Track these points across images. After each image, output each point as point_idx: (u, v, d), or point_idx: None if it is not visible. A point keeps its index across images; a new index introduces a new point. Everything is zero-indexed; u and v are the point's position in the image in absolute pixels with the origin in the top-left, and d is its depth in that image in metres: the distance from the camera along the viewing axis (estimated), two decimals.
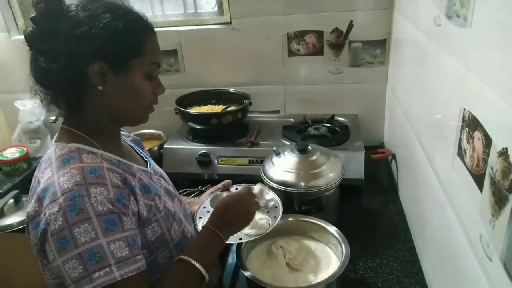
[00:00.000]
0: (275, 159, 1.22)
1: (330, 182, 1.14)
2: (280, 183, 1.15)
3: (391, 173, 1.54)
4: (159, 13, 1.75)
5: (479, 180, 0.67)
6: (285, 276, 0.95)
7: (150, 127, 1.78)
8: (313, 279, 0.94)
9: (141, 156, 0.97)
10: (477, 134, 0.67)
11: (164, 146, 1.56)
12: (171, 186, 0.99)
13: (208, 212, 1.01)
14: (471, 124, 0.70)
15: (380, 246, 1.16)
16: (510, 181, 0.56)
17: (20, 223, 1.32)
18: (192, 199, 1.24)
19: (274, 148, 1.24)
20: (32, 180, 0.80)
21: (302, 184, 1.13)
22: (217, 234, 0.83)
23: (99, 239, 0.68)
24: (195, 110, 1.62)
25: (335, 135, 1.51)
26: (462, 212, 0.77)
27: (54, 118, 1.63)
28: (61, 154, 0.76)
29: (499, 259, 0.59)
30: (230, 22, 1.66)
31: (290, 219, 1.07)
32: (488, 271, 0.64)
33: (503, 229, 0.58)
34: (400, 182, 1.41)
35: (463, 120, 0.74)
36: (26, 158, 1.71)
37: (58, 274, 0.71)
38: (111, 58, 0.76)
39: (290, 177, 1.15)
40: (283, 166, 1.18)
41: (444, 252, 0.88)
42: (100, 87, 0.77)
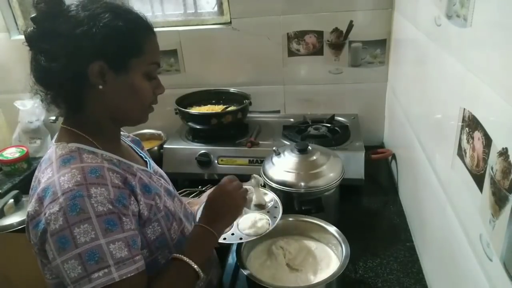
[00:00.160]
0: (275, 159, 1.22)
1: (330, 182, 1.14)
2: (280, 183, 1.15)
3: (391, 173, 1.54)
4: (159, 13, 1.75)
5: (479, 180, 0.67)
6: (285, 276, 0.95)
7: (150, 127, 1.78)
8: (313, 279, 0.94)
9: (141, 156, 0.97)
10: (477, 134, 0.67)
11: (164, 146, 1.56)
12: (171, 186, 0.99)
13: None
14: (471, 124, 0.70)
15: (380, 246, 1.16)
16: (510, 181, 0.56)
17: (20, 223, 1.32)
18: (192, 200, 1.24)
19: (274, 148, 1.24)
20: (32, 180, 0.80)
21: (302, 184, 1.13)
22: (208, 230, 0.84)
23: (99, 240, 0.68)
24: (195, 110, 1.62)
25: (335, 135, 1.51)
26: (462, 212, 0.77)
27: (54, 118, 1.63)
28: (62, 154, 0.76)
29: (499, 259, 0.59)
30: (230, 22, 1.66)
31: (290, 219, 1.07)
32: (488, 271, 0.64)
33: (503, 229, 0.58)
34: (400, 182, 1.41)
35: (463, 120, 0.74)
36: (26, 158, 1.71)
37: (58, 274, 0.71)
38: (111, 58, 0.76)
39: (290, 177, 1.15)
40: (283, 166, 1.18)
41: (444, 252, 0.88)
42: (100, 87, 0.77)
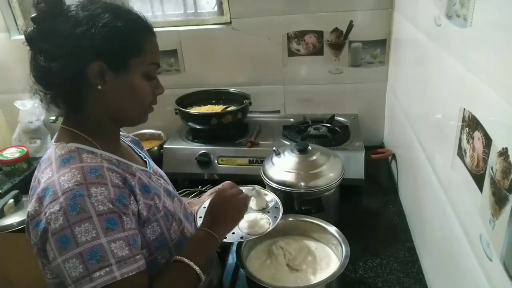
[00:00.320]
0: (275, 159, 1.22)
1: (330, 182, 1.14)
2: (280, 183, 1.15)
3: (391, 173, 1.54)
4: (159, 13, 1.75)
5: (479, 180, 0.67)
6: (285, 276, 0.95)
7: (150, 127, 1.78)
8: (313, 279, 0.94)
9: (140, 156, 0.97)
10: (477, 134, 0.67)
11: (164, 146, 1.56)
12: (171, 186, 0.99)
13: None
14: (471, 124, 0.70)
15: (380, 246, 1.16)
16: (510, 181, 0.56)
17: (20, 223, 1.32)
18: (192, 200, 1.24)
19: (274, 148, 1.24)
20: (32, 180, 0.80)
21: (302, 184, 1.13)
22: (211, 234, 0.85)
23: (100, 239, 0.68)
24: (195, 110, 1.62)
25: (335, 135, 1.51)
26: (462, 212, 0.77)
27: (54, 118, 1.63)
28: (61, 154, 0.76)
29: (499, 259, 0.59)
30: (230, 22, 1.66)
31: (290, 219, 1.07)
32: (488, 271, 0.64)
33: (503, 229, 0.58)
34: (400, 182, 1.41)
35: (463, 120, 0.74)
36: (26, 158, 1.71)
37: (59, 274, 0.71)
38: (111, 58, 0.76)
39: (290, 177, 1.15)
40: (283, 166, 1.18)
41: (444, 252, 0.88)
42: (100, 87, 0.77)
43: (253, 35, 1.65)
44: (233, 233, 0.96)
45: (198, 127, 1.57)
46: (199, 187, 1.47)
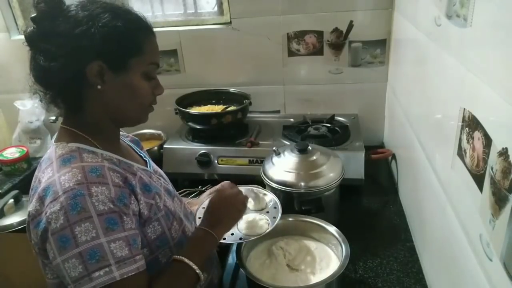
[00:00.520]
0: (275, 159, 1.22)
1: (330, 182, 1.14)
2: (280, 183, 1.15)
3: (391, 173, 1.54)
4: (159, 13, 1.75)
5: (479, 180, 0.67)
6: (285, 276, 0.95)
7: (150, 127, 1.78)
8: (313, 279, 0.94)
9: (140, 156, 0.98)
10: (477, 134, 0.67)
11: (164, 146, 1.56)
12: (170, 186, 0.99)
13: None
14: (471, 124, 0.70)
15: (380, 246, 1.16)
16: (510, 181, 0.56)
17: (20, 223, 1.32)
18: (191, 200, 1.24)
19: (274, 148, 1.24)
20: (33, 180, 0.80)
21: (302, 184, 1.13)
22: (210, 233, 0.85)
23: (100, 238, 0.68)
24: (195, 110, 1.62)
25: (335, 135, 1.51)
26: (462, 212, 0.77)
27: (54, 118, 1.63)
28: (62, 154, 0.76)
29: (499, 259, 0.59)
30: (230, 22, 1.66)
31: (290, 219, 1.07)
32: (488, 271, 0.64)
33: (503, 229, 0.58)
34: (400, 182, 1.41)
35: (463, 120, 0.74)
36: (26, 158, 1.71)
37: (59, 274, 0.71)
38: (110, 58, 0.76)
39: (290, 177, 1.15)
40: (283, 166, 1.18)
41: (444, 252, 0.88)
42: (99, 87, 0.77)
43: (253, 35, 1.65)
44: (232, 234, 0.96)
45: (198, 127, 1.57)
46: (199, 187, 1.47)
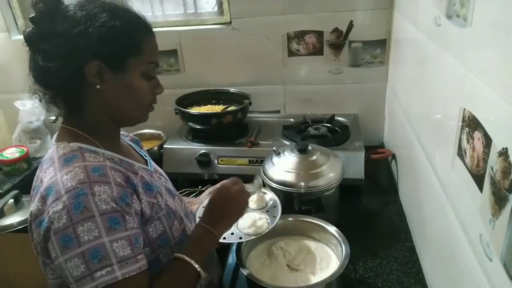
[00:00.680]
0: (275, 159, 1.22)
1: (330, 182, 1.14)
2: (280, 183, 1.15)
3: (391, 173, 1.54)
4: (159, 13, 1.75)
5: (479, 180, 0.67)
6: (285, 276, 0.95)
7: (150, 127, 1.78)
8: (313, 279, 0.94)
9: (141, 155, 0.98)
10: (477, 134, 0.67)
11: (164, 146, 1.56)
12: (171, 185, 0.99)
13: None
14: (471, 124, 0.70)
15: (380, 246, 1.16)
16: (510, 181, 0.56)
17: (20, 223, 1.32)
18: (191, 199, 1.24)
19: (274, 148, 1.24)
20: (34, 180, 0.80)
21: (302, 184, 1.13)
22: (210, 231, 0.84)
23: (102, 238, 0.68)
24: (195, 110, 1.62)
25: (335, 135, 1.51)
26: (462, 212, 0.77)
27: (54, 118, 1.63)
28: (64, 153, 0.76)
29: (499, 259, 0.59)
30: (230, 22, 1.66)
31: (290, 219, 1.07)
32: (488, 271, 0.64)
33: (503, 229, 0.58)
34: (400, 182, 1.41)
35: (463, 120, 0.74)
36: (26, 158, 1.71)
37: (61, 273, 0.71)
38: (109, 57, 0.76)
39: (290, 177, 1.15)
40: (283, 166, 1.18)
41: (444, 252, 0.88)
42: (98, 86, 0.77)
43: (253, 35, 1.65)
44: (232, 234, 0.96)
45: (198, 127, 1.57)
46: (199, 187, 1.46)
